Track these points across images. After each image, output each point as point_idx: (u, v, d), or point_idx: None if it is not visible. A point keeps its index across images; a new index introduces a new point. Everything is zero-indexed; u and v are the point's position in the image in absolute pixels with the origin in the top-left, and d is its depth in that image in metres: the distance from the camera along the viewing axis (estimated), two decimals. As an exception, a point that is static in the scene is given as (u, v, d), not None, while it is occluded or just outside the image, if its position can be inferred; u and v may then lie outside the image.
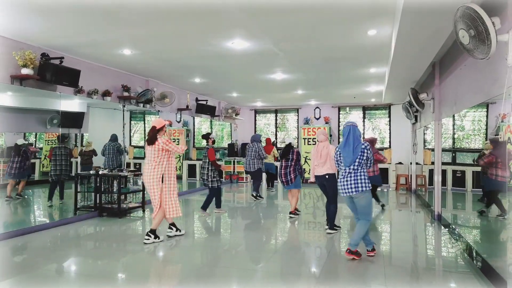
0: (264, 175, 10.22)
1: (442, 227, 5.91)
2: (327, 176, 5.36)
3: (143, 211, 6.95)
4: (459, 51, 4.63)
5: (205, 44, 5.76)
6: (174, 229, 5.16)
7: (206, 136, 6.84)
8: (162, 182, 4.93)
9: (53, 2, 4.12)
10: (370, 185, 4.13)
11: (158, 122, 4.97)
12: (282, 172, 6.41)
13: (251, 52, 6.13)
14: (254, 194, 8.63)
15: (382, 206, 7.62)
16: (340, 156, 4.26)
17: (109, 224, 5.96)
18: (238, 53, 6.18)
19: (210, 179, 6.56)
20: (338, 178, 4.35)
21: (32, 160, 7.13)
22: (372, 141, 7.48)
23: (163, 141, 4.86)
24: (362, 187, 4.07)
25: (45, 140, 7.60)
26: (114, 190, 6.61)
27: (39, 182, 7.49)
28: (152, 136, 4.87)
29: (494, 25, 2.88)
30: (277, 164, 9.50)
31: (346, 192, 4.14)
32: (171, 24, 4.88)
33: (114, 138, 8.00)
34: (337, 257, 4.41)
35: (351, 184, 4.08)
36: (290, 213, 6.61)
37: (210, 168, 6.55)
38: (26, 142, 6.84)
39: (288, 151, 6.44)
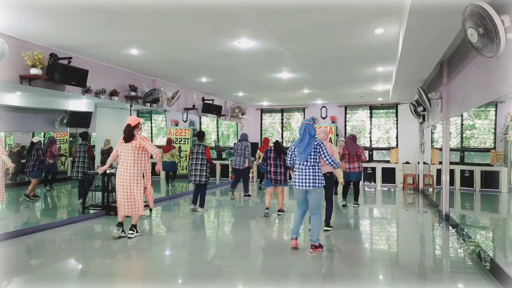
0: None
1: (450, 227, 5.86)
2: (328, 175, 5.38)
3: (150, 210, 6.99)
4: (467, 49, 4.59)
5: (211, 44, 5.78)
6: (135, 230, 5.10)
7: (202, 134, 6.96)
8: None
9: (62, 3, 4.16)
10: (324, 181, 4.43)
11: (133, 120, 4.99)
12: (272, 171, 6.44)
13: (258, 51, 6.13)
14: (245, 194, 8.72)
15: (344, 205, 7.63)
16: (294, 152, 4.51)
17: (116, 222, 6.00)
18: (244, 52, 6.18)
19: (206, 175, 6.75)
20: (293, 173, 4.58)
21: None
22: (353, 138, 7.59)
23: (141, 138, 4.88)
24: (318, 182, 4.35)
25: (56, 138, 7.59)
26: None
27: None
28: (128, 134, 4.89)
29: (503, 23, 2.85)
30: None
31: (302, 186, 4.38)
32: (178, 24, 4.90)
33: None
34: (344, 257, 4.40)
35: (309, 179, 4.35)
36: (279, 211, 6.70)
37: (206, 164, 6.72)
38: (39, 141, 6.85)
39: (281, 150, 6.46)
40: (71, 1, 4.09)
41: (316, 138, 4.49)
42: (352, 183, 7.59)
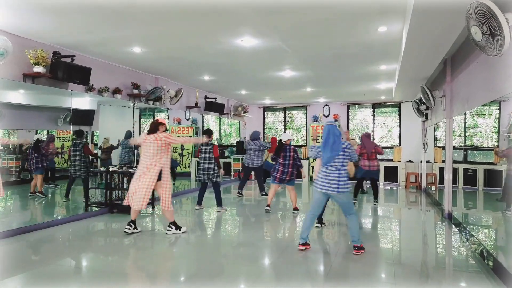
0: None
1: (453, 226, 5.85)
2: None
3: (153, 207, 7.00)
4: (471, 47, 4.57)
5: (214, 42, 5.77)
6: (174, 227, 5.23)
7: (209, 132, 6.89)
8: (160, 178, 5.04)
9: (63, 1, 4.16)
10: (349, 186, 4.23)
11: (162, 120, 5.22)
12: (280, 169, 6.42)
13: (260, 49, 6.13)
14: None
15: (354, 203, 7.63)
16: (319, 155, 4.35)
17: (119, 220, 6.03)
18: (247, 50, 6.17)
19: (216, 174, 6.65)
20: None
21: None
22: (368, 136, 7.73)
23: (165, 135, 5.00)
24: (343, 187, 4.17)
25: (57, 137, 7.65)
26: (124, 187, 6.67)
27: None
28: (154, 127, 5.05)
29: (508, 21, 2.83)
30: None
31: (323, 189, 4.22)
32: (181, 22, 4.90)
33: (128, 135, 8.10)
34: (346, 256, 4.40)
35: (332, 183, 4.17)
36: (294, 209, 6.72)
37: (214, 163, 6.65)
38: (38, 138, 6.88)
39: (282, 148, 6.44)
40: (74, -1, 4.10)
41: (343, 141, 4.30)
42: (370, 181, 7.85)
